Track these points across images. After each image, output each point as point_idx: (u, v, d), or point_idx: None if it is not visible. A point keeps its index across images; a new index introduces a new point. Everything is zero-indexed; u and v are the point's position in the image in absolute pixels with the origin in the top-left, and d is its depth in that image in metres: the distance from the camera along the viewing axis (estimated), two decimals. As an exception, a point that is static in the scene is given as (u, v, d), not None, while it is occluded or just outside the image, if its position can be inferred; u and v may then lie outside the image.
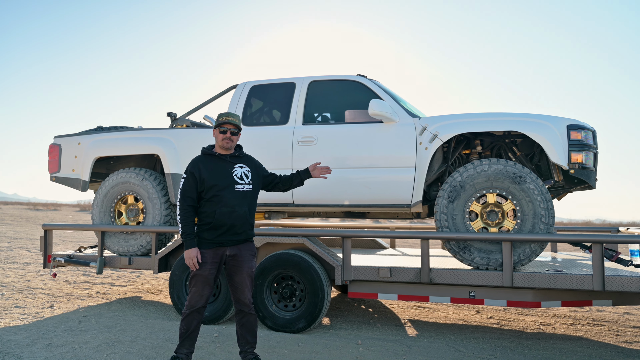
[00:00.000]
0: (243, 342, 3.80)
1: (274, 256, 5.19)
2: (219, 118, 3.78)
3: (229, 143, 3.77)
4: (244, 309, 3.76)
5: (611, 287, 4.35)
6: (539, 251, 4.69)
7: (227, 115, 3.79)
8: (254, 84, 5.98)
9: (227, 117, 3.78)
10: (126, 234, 6.18)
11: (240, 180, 3.75)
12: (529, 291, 4.69)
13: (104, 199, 6.29)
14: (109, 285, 8.06)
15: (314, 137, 5.48)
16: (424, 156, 5.05)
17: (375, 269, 4.97)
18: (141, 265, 6.03)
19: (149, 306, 6.41)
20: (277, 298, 5.22)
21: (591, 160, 4.74)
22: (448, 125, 5.01)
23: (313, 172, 4.11)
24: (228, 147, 3.78)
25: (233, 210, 3.66)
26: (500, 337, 5.17)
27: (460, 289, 4.86)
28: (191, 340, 3.74)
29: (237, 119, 3.80)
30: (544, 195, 4.61)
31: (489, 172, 4.75)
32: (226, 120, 3.75)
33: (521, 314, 6.32)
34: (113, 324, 5.26)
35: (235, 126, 3.78)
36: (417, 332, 5.33)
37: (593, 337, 5.26)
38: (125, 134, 6.33)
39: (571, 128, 4.72)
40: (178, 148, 5.99)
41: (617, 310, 6.64)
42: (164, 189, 6.11)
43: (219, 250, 3.70)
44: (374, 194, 5.25)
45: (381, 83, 5.72)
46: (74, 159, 6.46)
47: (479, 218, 4.84)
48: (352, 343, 4.71)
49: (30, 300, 6.63)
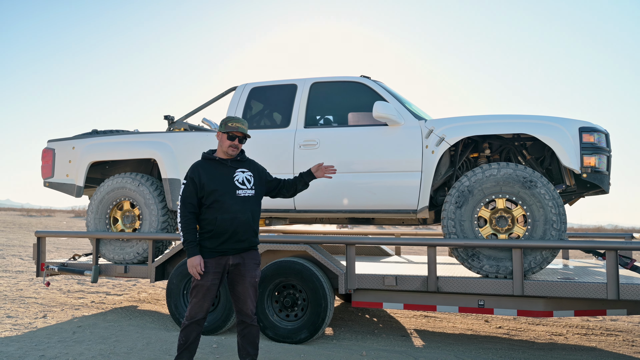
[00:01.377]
0: (244, 354, 3.67)
1: (275, 264, 5.03)
2: (228, 123, 3.63)
3: (235, 151, 3.66)
4: (246, 320, 3.63)
5: (626, 296, 4.21)
6: (550, 258, 4.54)
7: (237, 121, 3.64)
8: (254, 86, 5.84)
9: (237, 123, 3.63)
10: (122, 241, 6.01)
11: (242, 185, 3.62)
12: (540, 300, 4.55)
13: (99, 205, 6.13)
14: (104, 294, 7.89)
15: (316, 141, 5.32)
16: (431, 160, 4.90)
17: (380, 277, 4.82)
18: (137, 274, 5.88)
19: (145, 316, 6.26)
20: (279, 307, 5.07)
21: (604, 164, 4.60)
22: (455, 128, 4.87)
23: (317, 173, 3.94)
24: (233, 155, 3.66)
25: (235, 217, 3.52)
26: (510, 348, 5.00)
27: (469, 298, 4.71)
28: (190, 352, 3.61)
29: (246, 126, 3.68)
30: (555, 200, 4.46)
31: (498, 177, 4.60)
32: (236, 128, 3.61)
33: (532, 324, 6.15)
34: (108, 335, 5.12)
35: (244, 134, 3.66)
36: (423, 343, 5.17)
37: (607, 348, 5.10)
38: (121, 138, 6.18)
39: (583, 130, 4.58)
40: (176, 152, 5.84)
41: (631, 319, 6.48)
42: (161, 194, 5.95)
43: (222, 260, 3.56)
44: (378, 200, 5.10)
45: (385, 84, 5.59)
46: (68, 164, 6.31)
47: (488, 224, 4.69)
48: (356, 354, 4.57)
49: (22, 310, 6.47)
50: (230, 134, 3.62)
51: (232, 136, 3.62)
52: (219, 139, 3.68)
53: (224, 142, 3.64)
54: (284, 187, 3.93)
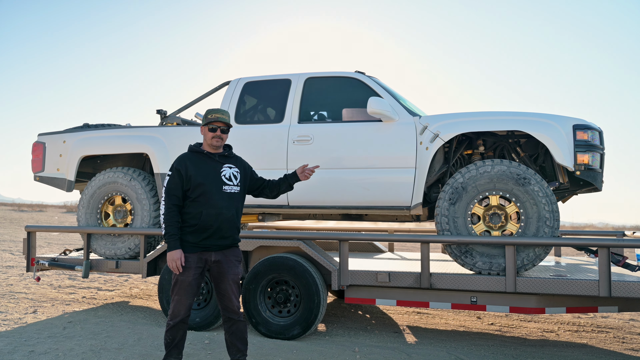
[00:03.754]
0: (234, 350, 3.64)
1: (268, 260, 5.01)
2: (208, 115, 3.60)
3: (219, 142, 3.61)
4: (232, 317, 3.60)
5: (618, 293, 4.22)
6: (543, 255, 4.55)
7: (216, 111, 3.60)
8: (247, 80, 5.79)
9: (217, 113, 3.59)
10: (113, 237, 5.96)
11: (229, 181, 3.59)
12: (533, 297, 4.55)
13: (90, 199, 6.07)
14: (95, 289, 7.83)
15: (310, 136, 5.29)
16: (425, 156, 4.89)
17: (374, 274, 4.81)
18: (129, 269, 5.84)
19: (137, 311, 6.21)
20: (271, 303, 5.05)
21: (598, 162, 4.60)
22: (449, 125, 4.85)
23: (300, 175, 3.89)
24: (217, 146, 3.62)
25: (220, 212, 3.49)
26: (503, 344, 5.01)
27: (462, 295, 4.71)
28: (178, 349, 3.59)
29: (227, 115, 3.63)
30: (548, 198, 4.46)
31: (491, 174, 4.60)
32: (216, 118, 3.57)
33: (524, 321, 6.17)
34: (99, 330, 5.08)
35: (225, 124, 3.61)
36: (416, 339, 5.17)
37: (598, 345, 5.12)
38: (112, 132, 6.12)
39: (577, 128, 4.58)
40: (168, 147, 5.79)
41: (622, 316, 6.52)
42: (153, 189, 5.90)
43: (204, 255, 3.52)
44: (372, 196, 5.08)
45: (380, 80, 5.56)
46: (59, 158, 6.24)
47: (481, 221, 4.69)
48: (349, 350, 4.56)
49: (12, 305, 6.41)
50: (210, 125, 3.58)
51: (214, 127, 3.57)
52: (202, 133, 3.65)
53: (206, 134, 3.61)
54: (267, 187, 3.88)
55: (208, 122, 3.58)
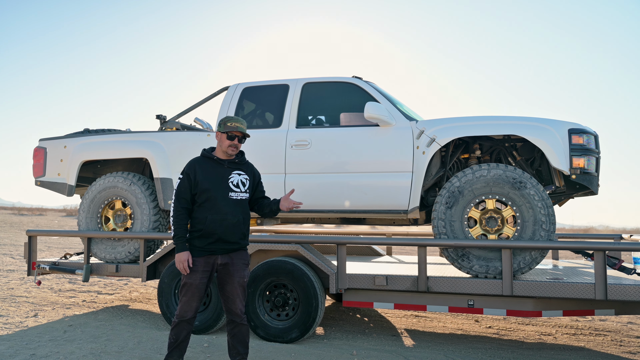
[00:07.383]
0: (234, 353, 3.68)
1: (267, 264, 5.04)
2: (227, 122, 3.63)
3: (235, 150, 3.66)
4: (235, 319, 3.64)
5: (614, 296, 4.25)
6: (539, 259, 4.58)
7: (236, 120, 3.64)
8: (246, 86, 5.84)
9: (236, 122, 3.62)
10: (113, 241, 6.00)
11: (236, 187, 3.63)
12: (530, 300, 4.58)
13: (91, 204, 6.11)
14: (95, 293, 7.86)
15: (308, 141, 5.33)
16: (422, 161, 4.93)
17: (371, 277, 4.84)
18: (129, 273, 5.87)
19: (136, 315, 6.24)
20: (270, 307, 5.07)
21: (593, 165, 4.64)
22: (446, 129, 4.89)
23: (281, 204, 3.80)
24: (232, 154, 3.66)
25: (224, 218, 3.53)
26: (500, 348, 5.03)
27: (459, 298, 4.74)
28: (180, 351, 3.63)
29: (245, 125, 3.68)
30: (544, 201, 4.50)
31: (488, 177, 4.63)
32: (235, 127, 3.61)
33: (521, 324, 6.18)
34: (99, 334, 5.11)
35: (243, 134, 3.66)
36: (414, 343, 5.19)
37: (595, 348, 5.14)
38: (113, 137, 6.16)
39: (573, 132, 4.62)
40: (168, 152, 5.83)
41: (620, 319, 6.53)
42: (153, 194, 5.94)
43: (210, 259, 3.58)
44: (369, 200, 5.11)
45: (377, 85, 5.60)
46: (60, 163, 6.28)
47: (478, 224, 4.72)
48: (346, 354, 4.58)
49: (13, 309, 6.44)
50: (229, 133, 3.61)
51: (232, 136, 3.62)
52: (218, 139, 3.68)
53: (223, 142, 3.64)
54: (261, 204, 3.84)
55: (227, 130, 3.61)
